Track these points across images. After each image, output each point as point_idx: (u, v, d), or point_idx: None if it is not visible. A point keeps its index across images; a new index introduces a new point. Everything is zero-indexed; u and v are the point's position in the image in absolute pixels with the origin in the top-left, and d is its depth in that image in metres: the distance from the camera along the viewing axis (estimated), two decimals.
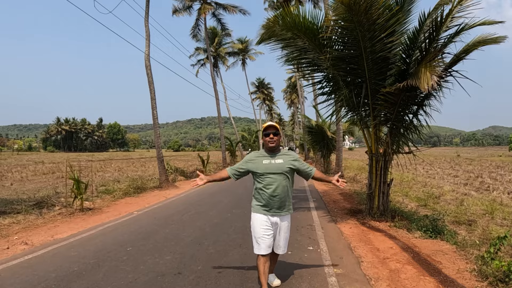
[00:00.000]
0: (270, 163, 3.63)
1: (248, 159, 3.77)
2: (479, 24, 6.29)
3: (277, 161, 3.64)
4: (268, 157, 3.67)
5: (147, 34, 14.71)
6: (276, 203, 3.62)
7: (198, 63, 35.50)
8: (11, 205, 8.80)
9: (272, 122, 3.64)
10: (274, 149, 3.68)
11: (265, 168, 3.61)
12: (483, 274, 4.29)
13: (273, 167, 3.62)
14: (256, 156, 3.74)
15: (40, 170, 22.44)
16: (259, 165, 3.64)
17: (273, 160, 3.64)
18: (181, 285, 4.09)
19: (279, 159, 3.67)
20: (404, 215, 7.82)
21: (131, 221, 7.69)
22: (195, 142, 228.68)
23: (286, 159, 3.70)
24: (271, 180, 3.59)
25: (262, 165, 3.63)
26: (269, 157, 3.67)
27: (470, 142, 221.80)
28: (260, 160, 3.67)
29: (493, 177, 17.57)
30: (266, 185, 3.60)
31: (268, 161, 3.64)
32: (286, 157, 3.71)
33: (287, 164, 3.67)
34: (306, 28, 7.10)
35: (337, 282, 4.21)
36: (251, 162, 3.72)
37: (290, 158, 3.72)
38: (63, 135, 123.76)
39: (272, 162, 3.64)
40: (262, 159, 3.67)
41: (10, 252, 5.43)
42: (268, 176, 3.60)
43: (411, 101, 7.35)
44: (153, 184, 14.43)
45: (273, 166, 3.62)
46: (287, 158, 3.70)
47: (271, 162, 3.64)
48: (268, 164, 3.63)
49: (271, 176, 3.59)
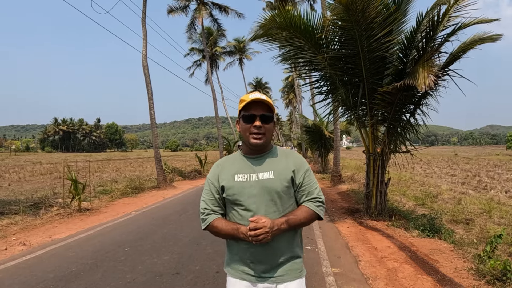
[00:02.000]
0: (248, 179, 1.83)
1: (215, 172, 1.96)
2: (476, 22, 6.31)
3: (262, 176, 1.83)
4: (245, 167, 1.87)
5: (144, 34, 14.69)
6: (264, 256, 1.81)
7: (194, 64, 35.50)
8: (9, 205, 8.76)
9: (259, 94, 1.82)
10: (261, 148, 1.89)
11: (239, 188, 1.82)
12: (480, 272, 4.31)
13: (255, 186, 1.81)
14: (224, 164, 1.96)
15: (37, 170, 22.38)
16: (229, 183, 1.85)
17: (256, 174, 1.84)
18: (179, 285, 4.09)
19: (268, 168, 1.86)
20: (402, 214, 7.84)
21: (129, 222, 7.68)
22: (192, 142, 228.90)
23: (283, 166, 1.87)
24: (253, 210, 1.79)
25: (234, 183, 1.84)
26: (247, 166, 1.88)
27: (468, 141, 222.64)
28: (229, 172, 1.88)
29: (491, 176, 17.63)
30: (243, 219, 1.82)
31: (246, 176, 1.84)
32: (283, 163, 1.89)
33: (283, 176, 1.84)
34: (302, 28, 7.10)
35: (335, 282, 4.22)
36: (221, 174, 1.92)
37: (291, 164, 1.89)
38: (61, 135, 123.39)
39: (252, 177, 1.83)
40: (232, 172, 1.88)
41: (8, 253, 5.42)
42: (246, 203, 1.81)
43: (408, 100, 7.37)
44: (151, 184, 14.42)
45: (255, 184, 1.82)
46: (285, 165, 1.88)
47: (251, 177, 1.83)
48: (245, 182, 1.83)
49: (252, 204, 1.80)
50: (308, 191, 1.90)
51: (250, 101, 1.81)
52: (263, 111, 1.82)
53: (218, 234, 1.89)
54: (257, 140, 1.82)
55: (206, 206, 1.94)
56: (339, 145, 15.77)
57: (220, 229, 1.84)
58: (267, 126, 1.83)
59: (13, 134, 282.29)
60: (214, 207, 1.92)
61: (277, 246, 1.83)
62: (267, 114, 1.83)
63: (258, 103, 1.82)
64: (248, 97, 1.82)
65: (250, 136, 1.82)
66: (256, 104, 1.82)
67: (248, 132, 1.83)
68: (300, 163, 1.93)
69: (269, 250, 1.82)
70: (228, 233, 1.82)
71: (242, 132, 1.87)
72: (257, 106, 1.82)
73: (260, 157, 1.91)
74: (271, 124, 1.86)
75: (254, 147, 1.87)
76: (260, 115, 1.81)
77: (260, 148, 1.89)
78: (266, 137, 1.85)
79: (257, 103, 1.82)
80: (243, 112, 1.85)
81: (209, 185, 1.97)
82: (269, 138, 1.88)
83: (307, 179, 1.91)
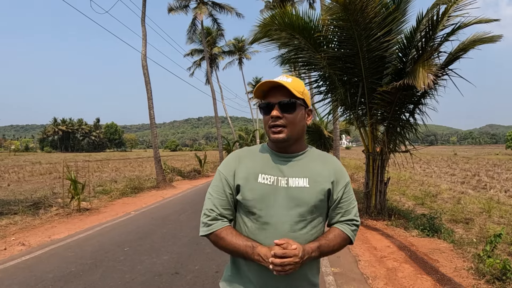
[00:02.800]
0: (275, 183, 1.43)
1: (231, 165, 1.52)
2: (475, 22, 6.32)
3: (294, 182, 1.43)
4: (272, 166, 1.47)
5: (143, 34, 14.68)
6: (278, 282, 1.42)
7: (194, 64, 35.53)
8: (8, 205, 8.75)
9: (281, 77, 1.43)
10: (290, 146, 1.48)
11: (262, 193, 1.42)
12: (480, 272, 4.31)
13: (282, 195, 1.42)
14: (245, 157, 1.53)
15: (37, 170, 22.35)
16: (249, 184, 1.45)
17: (285, 178, 1.44)
18: (178, 285, 4.08)
19: (302, 174, 1.46)
20: (401, 214, 7.85)
21: (129, 221, 7.68)
22: (192, 141, 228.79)
23: (321, 173, 1.48)
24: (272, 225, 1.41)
25: (256, 185, 1.44)
26: (275, 166, 1.47)
27: (467, 141, 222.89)
28: (251, 169, 1.47)
29: (490, 176, 17.64)
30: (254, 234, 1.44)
31: (273, 179, 1.44)
32: (320, 169, 1.49)
33: (320, 186, 1.45)
34: (301, 27, 7.10)
35: (335, 281, 4.22)
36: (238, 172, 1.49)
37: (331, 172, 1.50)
38: (60, 135, 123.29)
39: (280, 181, 1.43)
40: (256, 169, 1.47)
41: (8, 253, 5.41)
42: (264, 214, 1.42)
43: (408, 100, 7.37)
44: (150, 184, 14.41)
45: (283, 192, 1.42)
46: (323, 172, 1.49)
47: (279, 181, 1.43)
48: (270, 186, 1.43)
49: (273, 217, 1.41)
50: (345, 209, 1.52)
51: (267, 88, 1.43)
52: (283, 97, 1.40)
53: (223, 247, 1.45)
54: (277, 135, 1.41)
55: (213, 207, 1.48)
56: (338, 145, 15.78)
57: (229, 243, 1.41)
58: (289, 117, 1.40)
59: (13, 134, 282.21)
60: (224, 211, 1.48)
61: (295, 272, 1.36)
62: (285, 100, 1.39)
63: (277, 88, 1.40)
64: (264, 83, 1.43)
65: (269, 130, 1.44)
66: (275, 90, 1.41)
67: (267, 125, 1.45)
68: (341, 173, 1.52)
69: (285, 276, 1.38)
70: (238, 250, 1.39)
71: (264, 125, 1.50)
72: (275, 92, 1.41)
73: (291, 158, 1.49)
74: (295, 114, 1.41)
75: (275, 143, 1.47)
76: (278, 102, 1.40)
77: (285, 145, 1.46)
78: (290, 131, 1.42)
79: (275, 89, 1.41)
80: (261, 99, 1.49)
81: (221, 180, 1.50)
82: (296, 133, 1.45)
83: (347, 194, 1.52)
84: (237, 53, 39.75)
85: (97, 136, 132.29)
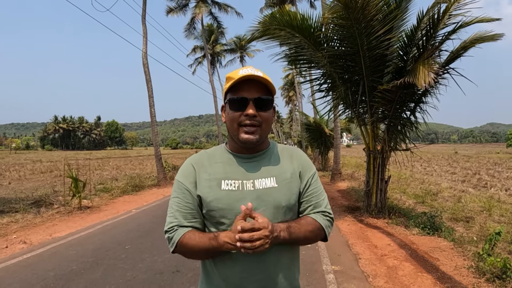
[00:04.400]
0: (241, 188, 1.30)
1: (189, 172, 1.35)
2: (476, 21, 6.31)
3: (261, 183, 1.31)
4: (235, 170, 1.33)
5: (144, 32, 14.67)
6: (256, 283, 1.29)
7: (195, 62, 35.53)
8: (9, 204, 8.78)
9: (253, 69, 1.26)
10: (254, 147, 1.34)
11: (228, 200, 1.28)
12: (480, 270, 4.32)
13: (251, 199, 1.26)
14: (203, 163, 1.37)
15: (38, 168, 22.38)
16: (212, 193, 1.29)
17: (251, 180, 1.31)
18: (179, 282, 4.10)
19: (268, 174, 1.34)
20: (402, 212, 7.85)
21: (129, 220, 7.69)
22: (193, 139, 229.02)
23: (288, 169, 1.38)
24: None
25: (220, 193, 1.29)
26: (238, 168, 1.34)
27: (468, 139, 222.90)
28: (212, 176, 1.32)
29: (491, 174, 17.62)
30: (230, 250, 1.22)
31: (237, 183, 1.30)
32: (287, 165, 1.39)
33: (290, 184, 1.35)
34: (301, 26, 7.09)
35: (335, 279, 4.23)
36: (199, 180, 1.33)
37: (297, 166, 1.40)
38: (61, 133, 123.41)
39: (246, 185, 1.30)
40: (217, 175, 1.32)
41: (9, 251, 5.43)
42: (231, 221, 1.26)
43: (409, 98, 7.36)
44: (151, 182, 14.43)
45: (250, 196, 1.28)
46: (291, 167, 1.39)
47: (244, 185, 1.30)
48: (236, 192, 1.29)
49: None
50: (315, 201, 1.38)
51: (240, 79, 1.24)
52: (259, 93, 1.26)
53: (192, 254, 1.30)
54: (250, 135, 1.26)
55: (174, 220, 1.29)
56: (339, 143, 15.78)
57: (193, 245, 1.25)
58: (264, 115, 1.28)
59: (13, 132, 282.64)
60: (187, 222, 1.29)
61: (274, 270, 1.29)
62: (264, 97, 1.27)
63: (252, 82, 1.26)
64: (238, 74, 1.25)
65: (239, 129, 1.27)
66: (249, 83, 1.26)
67: (236, 123, 1.28)
68: (306, 164, 1.42)
69: (264, 275, 1.28)
70: (204, 248, 1.23)
71: (229, 122, 1.30)
72: (250, 86, 1.26)
73: (255, 157, 1.36)
74: (270, 112, 1.31)
75: (244, 145, 1.30)
76: (255, 99, 1.25)
77: (253, 146, 1.32)
78: (263, 131, 1.29)
79: (250, 82, 1.26)
80: (230, 94, 1.29)
81: (181, 190, 1.32)
82: (267, 132, 1.32)
83: (314, 185, 1.40)
84: (239, 51, 39.68)
85: (98, 134, 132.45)
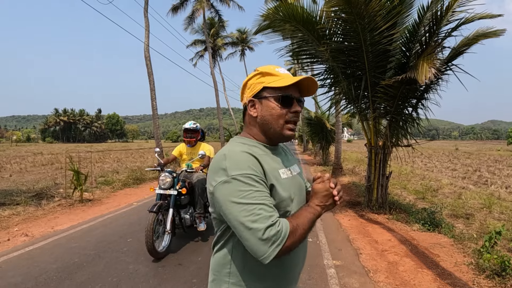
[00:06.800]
0: (291, 175, 1.38)
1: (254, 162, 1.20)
2: (480, 17, 6.30)
3: (295, 169, 1.44)
4: (278, 159, 1.36)
5: (146, 25, 14.62)
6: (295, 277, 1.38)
7: (196, 55, 35.44)
8: (10, 196, 8.80)
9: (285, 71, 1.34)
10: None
11: (289, 189, 1.30)
12: (480, 267, 4.34)
13: (297, 185, 1.39)
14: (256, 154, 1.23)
15: (39, 161, 22.40)
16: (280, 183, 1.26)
17: (288, 168, 1.39)
18: (181, 275, 4.13)
19: (293, 161, 1.49)
20: (402, 208, 7.88)
21: (131, 212, 7.71)
22: None
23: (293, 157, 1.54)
24: None
25: (283, 182, 1.29)
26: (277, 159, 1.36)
27: (469, 136, 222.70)
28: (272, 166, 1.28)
29: (491, 171, 17.62)
30: None
31: (288, 171, 1.37)
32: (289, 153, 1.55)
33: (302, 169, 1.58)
34: (304, 19, 7.05)
35: (336, 274, 4.25)
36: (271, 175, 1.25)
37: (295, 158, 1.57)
38: (62, 126, 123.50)
39: (292, 172, 1.40)
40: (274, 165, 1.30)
41: (11, 243, 5.45)
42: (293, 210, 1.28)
43: (411, 94, 7.35)
44: (152, 175, 14.44)
45: (296, 183, 1.39)
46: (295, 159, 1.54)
47: (291, 171, 1.39)
48: (291, 179, 1.36)
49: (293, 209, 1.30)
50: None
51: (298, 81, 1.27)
52: (298, 93, 1.33)
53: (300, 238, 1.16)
54: (292, 132, 1.32)
55: (271, 212, 1.13)
56: (340, 138, 15.77)
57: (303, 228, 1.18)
58: (299, 114, 1.35)
59: (14, 124, 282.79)
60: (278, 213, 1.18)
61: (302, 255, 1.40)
62: (302, 99, 1.36)
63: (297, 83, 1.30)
64: (276, 71, 1.29)
65: (285, 125, 1.29)
66: (296, 84, 1.30)
67: (283, 120, 1.28)
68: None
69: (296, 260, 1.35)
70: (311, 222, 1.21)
71: (274, 118, 1.28)
72: (294, 86, 1.30)
73: (277, 148, 1.42)
74: None
75: (286, 140, 1.36)
76: (299, 98, 1.32)
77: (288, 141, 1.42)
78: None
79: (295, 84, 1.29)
80: (279, 91, 1.27)
81: (256, 181, 1.16)
82: None
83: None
84: (240, 44, 39.57)
85: (99, 127, 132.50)
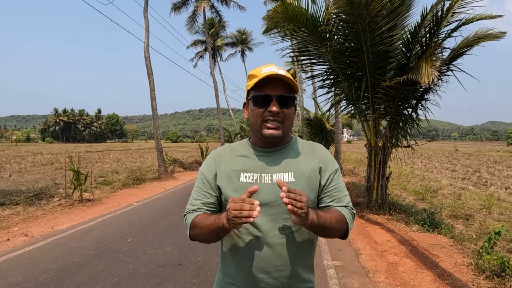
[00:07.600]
0: (258, 181, 1.31)
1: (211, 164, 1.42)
2: (480, 18, 6.33)
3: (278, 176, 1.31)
4: (254, 163, 1.35)
5: (146, 25, 14.61)
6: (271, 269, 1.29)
7: (196, 56, 35.44)
8: (10, 196, 8.80)
9: (276, 68, 1.30)
10: (276, 142, 1.36)
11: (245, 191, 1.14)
12: (479, 268, 4.34)
13: (267, 192, 1.28)
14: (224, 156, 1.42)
15: (38, 161, 22.39)
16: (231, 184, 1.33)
17: (269, 174, 1.32)
18: (181, 276, 4.13)
19: (286, 168, 1.34)
20: (402, 209, 7.88)
21: (131, 212, 7.72)
22: (193, 133, 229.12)
23: (308, 165, 1.36)
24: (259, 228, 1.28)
25: (238, 184, 1.32)
26: (257, 162, 1.36)
27: (469, 137, 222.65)
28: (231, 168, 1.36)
29: (491, 172, 17.63)
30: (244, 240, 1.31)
31: (255, 176, 1.32)
32: (307, 161, 1.37)
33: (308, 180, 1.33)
34: (306, 20, 7.07)
35: (336, 274, 4.26)
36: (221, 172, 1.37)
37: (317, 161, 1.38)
38: (61, 126, 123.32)
39: (264, 178, 1.32)
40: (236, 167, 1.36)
41: (11, 243, 5.46)
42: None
43: (411, 95, 7.36)
44: (152, 175, 14.46)
45: (267, 190, 1.29)
46: (311, 163, 1.37)
47: (262, 178, 1.32)
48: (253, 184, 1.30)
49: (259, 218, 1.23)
50: (337, 196, 1.35)
51: (264, 77, 1.26)
52: (282, 90, 1.29)
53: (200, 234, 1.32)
54: (273, 131, 1.29)
55: (190, 206, 1.38)
56: (340, 138, 15.81)
57: (202, 226, 1.28)
58: (287, 112, 1.31)
59: (14, 124, 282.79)
60: (204, 206, 1.36)
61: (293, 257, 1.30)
62: (287, 95, 1.30)
63: (275, 80, 1.28)
64: (261, 72, 1.29)
65: (263, 125, 1.31)
66: (273, 81, 1.28)
67: (260, 119, 1.31)
68: (328, 160, 1.40)
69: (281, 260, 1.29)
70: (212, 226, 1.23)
71: (252, 119, 1.34)
72: (274, 84, 1.29)
73: (276, 151, 1.37)
74: (292, 109, 1.34)
75: (268, 140, 1.33)
76: (278, 96, 1.28)
77: (275, 141, 1.35)
78: (285, 127, 1.32)
79: (273, 80, 1.28)
80: (253, 91, 1.32)
81: (202, 180, 1.39)
82: (289, 128, 1.36)
83: (335, 182, 1.37)
84: (240, 45, 39.55)
85: (99, 127, 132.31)
